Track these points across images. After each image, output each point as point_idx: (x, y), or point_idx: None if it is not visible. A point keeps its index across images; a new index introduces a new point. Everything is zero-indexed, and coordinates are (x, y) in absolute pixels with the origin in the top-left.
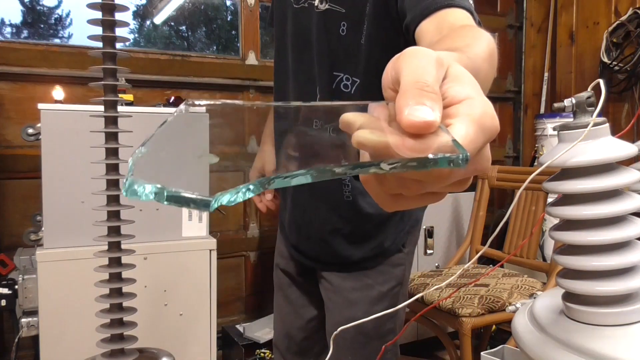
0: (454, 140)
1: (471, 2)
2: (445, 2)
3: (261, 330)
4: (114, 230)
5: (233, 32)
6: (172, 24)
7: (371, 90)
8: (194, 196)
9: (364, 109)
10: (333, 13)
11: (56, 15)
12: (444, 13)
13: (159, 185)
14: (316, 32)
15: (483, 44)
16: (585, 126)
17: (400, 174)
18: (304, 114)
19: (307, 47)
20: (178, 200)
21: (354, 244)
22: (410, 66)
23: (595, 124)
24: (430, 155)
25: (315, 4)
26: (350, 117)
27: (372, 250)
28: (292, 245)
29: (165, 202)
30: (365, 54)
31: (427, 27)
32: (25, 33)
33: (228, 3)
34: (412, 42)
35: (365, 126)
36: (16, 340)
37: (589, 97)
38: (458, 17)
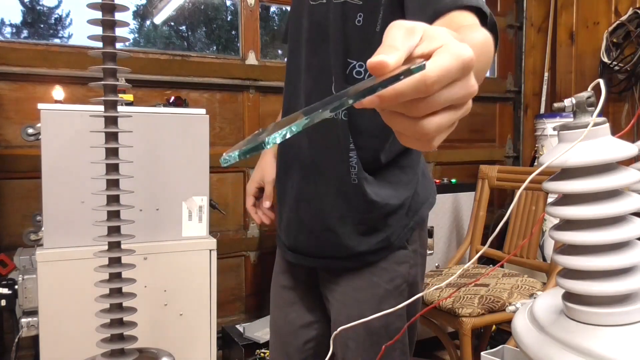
0: (410, 67)
1: None
2: (453, 4)
3: (261, 330)
4: (114, 230)
5: (233, 32)
6: (172, 24)
7: None
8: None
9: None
10: (349, 5)
11: (56, 15)
12: (451, 15)
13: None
14: (333, 23)
15: (478, 35)
16: (585, 126)
17: (395, 95)
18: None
19: (322, 39)
20: (247, 152)
21: (361, 234)
22: (385, 35)
23: (595, 124)
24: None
25: None
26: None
27: (378, 243)
28: (291, 249)
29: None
30: (380, 41)
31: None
32: (25, 33)
33: (228, 3)
34: None
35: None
36: (16, 340)
37: (589, 97)
38: (465, 19)
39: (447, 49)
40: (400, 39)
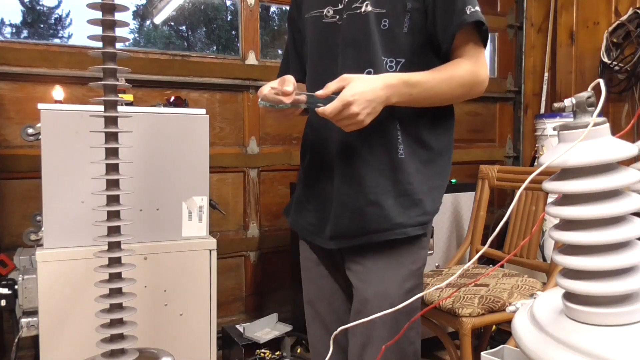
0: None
1: (477, 8)
2: (458, 26)
3: (261, 330)
4: (114, 230)
5: (233, 32)
6: (172, 24)
7: (412, 67)
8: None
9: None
10: (375, 14)
11: (56, 15)
12: (462, 35)
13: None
14: (362, 30)
15: (448, 73)
16: (586, 126)
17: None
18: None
19: (351, 46)
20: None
21: (402, 207)
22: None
23: (595, 124)
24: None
25: (362, 10)
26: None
27: (417, 217)
28: (332, 238)
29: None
30: (409, 40)
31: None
32: (25, 33)
33: (228, 3)
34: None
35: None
36: (16, 340)
37: (589, 97)
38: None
39: (340, 97)
40: (333, 84)
